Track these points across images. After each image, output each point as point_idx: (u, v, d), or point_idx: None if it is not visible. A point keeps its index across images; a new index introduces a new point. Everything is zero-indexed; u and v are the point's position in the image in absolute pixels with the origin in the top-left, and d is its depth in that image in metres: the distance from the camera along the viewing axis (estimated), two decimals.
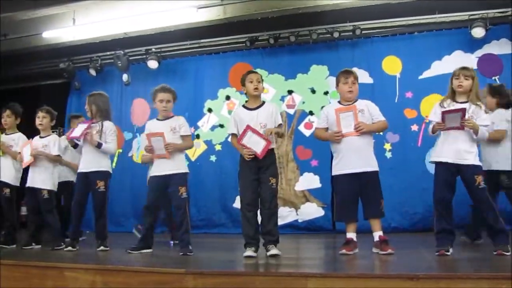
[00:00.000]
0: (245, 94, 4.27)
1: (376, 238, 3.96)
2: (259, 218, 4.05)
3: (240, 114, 4.19)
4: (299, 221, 7.04)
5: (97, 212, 4.78)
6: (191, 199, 7.13)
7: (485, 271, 2.88)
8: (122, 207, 7.74)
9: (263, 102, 4.23)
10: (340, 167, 4.06)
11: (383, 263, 3.51)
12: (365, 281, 2.71)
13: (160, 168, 4.41)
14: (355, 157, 3.99)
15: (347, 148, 4.02)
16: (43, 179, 4.98)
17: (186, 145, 4.56)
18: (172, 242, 5.39)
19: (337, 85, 4.21)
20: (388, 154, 6.83)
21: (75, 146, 4.85)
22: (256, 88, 4.12)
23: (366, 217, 4.03)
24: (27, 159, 5.02)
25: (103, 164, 4.80)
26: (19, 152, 5.14)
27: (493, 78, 6.60)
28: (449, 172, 3.78)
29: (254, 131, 3.99)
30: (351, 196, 4.02)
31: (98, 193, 4.72)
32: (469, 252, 4.06)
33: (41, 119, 5.11)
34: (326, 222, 6.91)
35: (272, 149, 4.13)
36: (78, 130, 4.73)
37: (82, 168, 4.78)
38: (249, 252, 3.88)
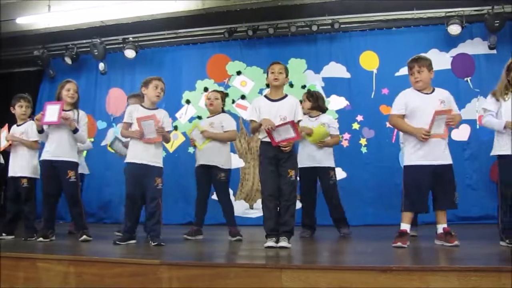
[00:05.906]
0: (267, 85, 4.27)
1: (440, 230, 3.96)
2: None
3: (261, 104, 4.13)
4: None
5: (71, 203, 4.68)
6: (173, 191, 7.12)
7: (456, 264, 2.95)
8: (93, 198, 7.62)
9: (286, 95, 4.17)
10: (419, 157, 3.97)
11: (358, 256, 3.56)
12: (339, 273, 2.73)
13: (138, 156, 4.33)
14: (434, 149, 3.96)
15: (428, 139, 3.96)
16: (21, 167, 4.91)
17: (169, 137, 4.55)
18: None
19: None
20: (364, 149, 6.90)
21: (41, 131, 4.65)
22: (276, 79, 4.07)
23: (437, 208, 4.01)
24: (3, 143, 4.95)
25: (73, 154, 4.69)
26: None
27: (465, 79, 6.71)
28: None
29: (295, 127, 3.94)
30: (427, 187, 3.97)
31: (70, 184, 4.60)
32: (439, 245, 4.13)
33: (25, 108, 5.04)
34: None
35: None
36: (51, 113, 4.46)
37: (48, 156, 4.61)
38: (270, 242, 3.86)
